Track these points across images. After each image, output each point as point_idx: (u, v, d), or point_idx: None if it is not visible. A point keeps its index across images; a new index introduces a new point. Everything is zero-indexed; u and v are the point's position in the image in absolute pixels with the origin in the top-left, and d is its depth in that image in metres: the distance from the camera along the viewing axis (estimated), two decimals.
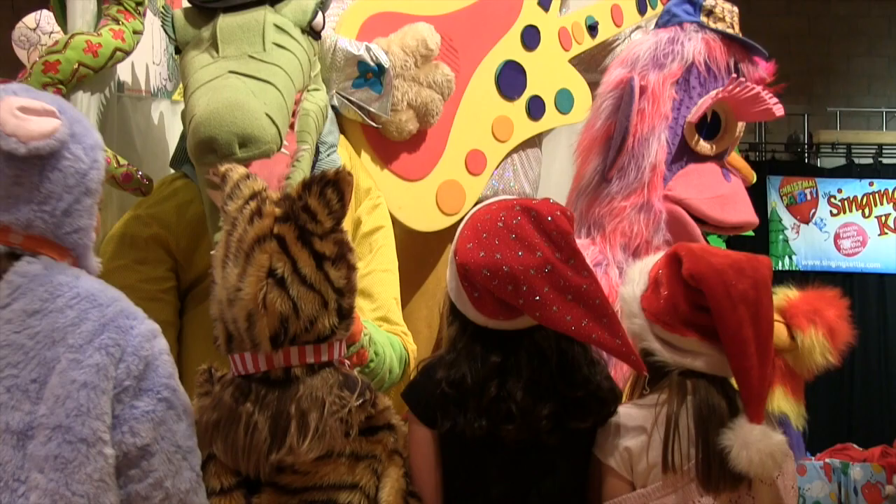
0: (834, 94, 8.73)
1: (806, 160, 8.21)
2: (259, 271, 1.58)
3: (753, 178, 3.12)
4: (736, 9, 2.72)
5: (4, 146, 1.53)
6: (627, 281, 2.05)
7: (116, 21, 2.20)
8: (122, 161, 2.14)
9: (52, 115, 1.58)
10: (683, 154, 2.65)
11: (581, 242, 2.53)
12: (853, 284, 7.49)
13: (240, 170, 1.71)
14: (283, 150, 1.95)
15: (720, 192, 2.66)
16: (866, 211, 7.85)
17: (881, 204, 7.84)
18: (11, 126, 1.53)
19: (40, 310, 1.53)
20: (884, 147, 8.09)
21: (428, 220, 2.69)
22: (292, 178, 1.99)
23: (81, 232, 1.64)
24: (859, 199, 7.85)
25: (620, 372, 2.29)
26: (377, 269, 2.31)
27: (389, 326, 2.26)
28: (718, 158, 2.71)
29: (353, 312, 1.71)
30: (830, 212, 7.84)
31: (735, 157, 2.90)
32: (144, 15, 2.31)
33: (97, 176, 1.66)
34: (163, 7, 2.50)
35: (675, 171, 2.64)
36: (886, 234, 7.82)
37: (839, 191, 7.87)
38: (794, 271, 7.51)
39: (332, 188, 1.60)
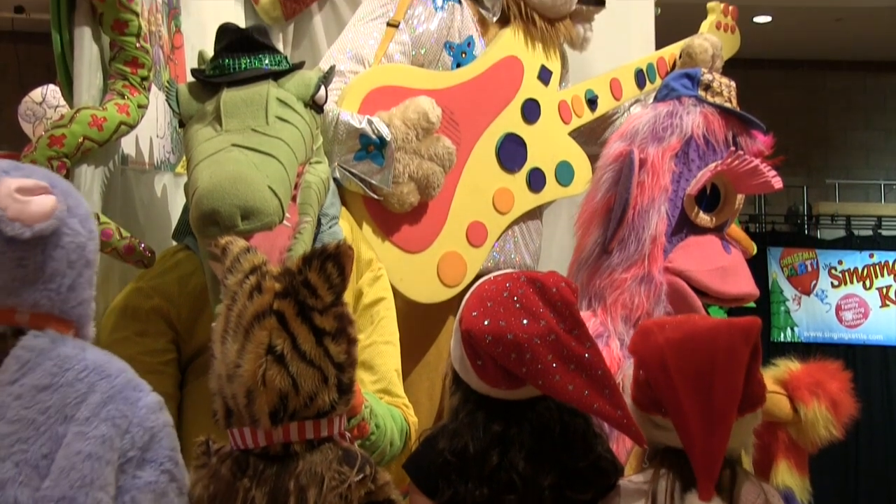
0: (832, 167, 8.80)
1: (806, 232, 8.23)
2: (258, 348, 1.57)
3: (754, 249, 3.13)
4: (733, 83, 2.75)
5: (9, 231, 1.52)
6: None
7: (122, 95, 2.22)
8: (125, 233, 2.15)
9: (46, 192, 1.57)
10: (683, 226, 2.66)
11: (582, 314, 2.52)
12: (856, 357, 7.46)
13: (240, 243, 1.70)
14: (285, 222, 1.95)
15: (721, 263, 2.67)
16: (867, 283, 7.84)
17: (882, 276, 7.84)
18: (14, 211, 1.52)
19: (50, 385, 1.53)
20: (883, 219, 8.12)
21: (429, 291, 2.69)
22: (294, 250, 2.00)
23: (85, 303, 1.64)
24: (860, 270, 7.85)
25: (623, 445, 2.27)
26: (378, 341, 2.31)
27: (390, 398, 2.25)
28: (718, 230, 2.72)
29: (353, 387, 1.70)
30: (831, 283, 7.83)
31: (735, 229, 2.91)
32: (149, 89, 2.34)
33: (95, 246, 1.67)
34: (167, 82, 2.54)
35: (675, 243, 2.64)
36: (888, 305, 7.80)
37: (840, 262, 7.87)
38: (797, 343, 7.49)
39: (332, 262, 1.59)
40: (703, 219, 2.67)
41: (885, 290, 7.82)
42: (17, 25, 8.17)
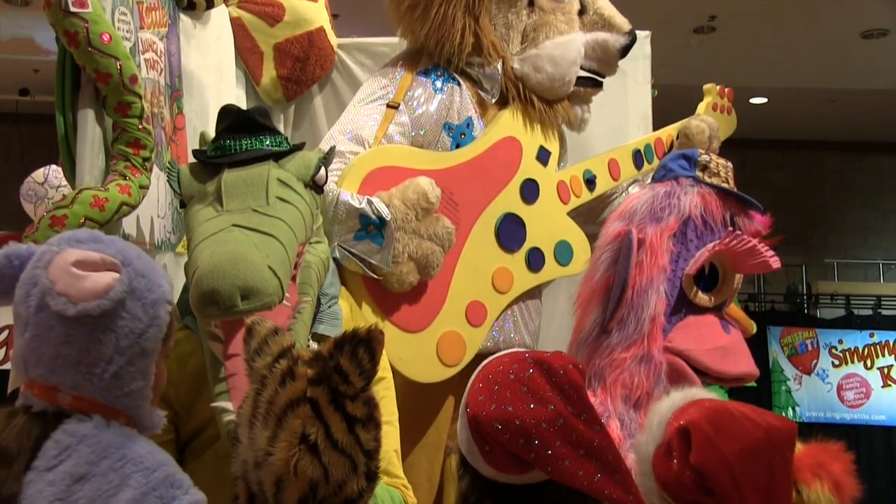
0: (830, 246, 8.84)
1: (805, 311, 8.24)
2: (292, 437, 1.51)
3: (753, 328, 3.12)
4: (730, 164, 2.78)
5: (54, 305, 1.48)
6: (645, 428, 2.02)
7: (124, 176, 2.24)
8: None
9: (112, 269, 1.52)
10: (682, 306, 2.65)
11: None
12: (859, 437, 7.41)
13: (267, 324, 1.66)
14: (284, 302, 1.95)
15: (720, 343, 2.66)
16: (868, 362, 7.82)
17: (883, 355, 7.82)
18: (63, 285, 1.47)
19: (86, 475, 1.45)
20: (883, 299, 8.13)
21: (428, 371, 2.68)
22: (294, 330, 2.00)
23: (134, 394, 1.57)
24: (861, 350, 7.83)
25: None
26: None
27: (389, 479, 2.23)
28: (717, 310, 2.72)
29: (379, 474, 1.67)
30: (832, 363, 7.81)
31: (734, 309, 2.90)
32: (151, 170, 2.36)
33: (156, 334, 1.59)
34: (169, 162, 2.56)
35: (674, 323, 2.64)
36: (890, 385, 7.77)
37: (840, 342, 7.86)
38: (798, 423, 7.42)
39: (364, 347, 1.56)
40: (702, 298, 2.67)
41: (886, 370, 7.79)
42: (22, 107, 8.27)
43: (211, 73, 3.12)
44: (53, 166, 4.30)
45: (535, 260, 2.95)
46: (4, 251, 1.59)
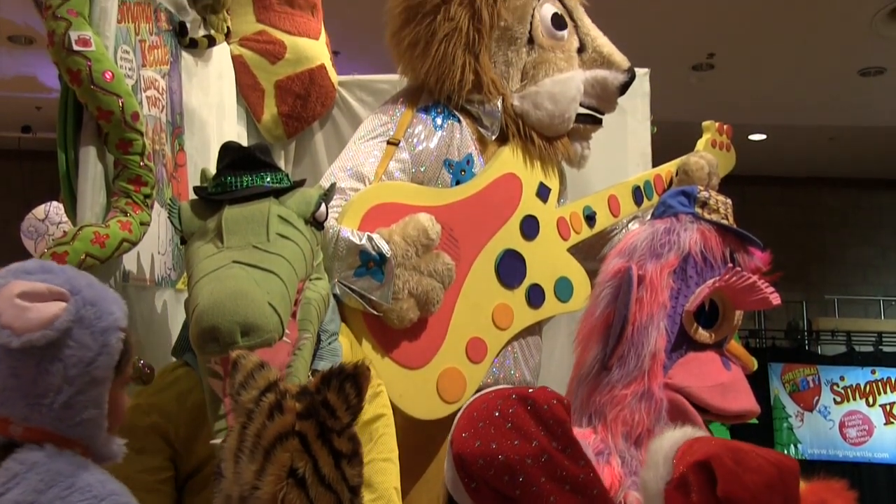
0: (830, 282, 8.84)
1: (806, 347, 8.23)
2: (280, 471, 1.51)
3: (754, 365, 3.11)
4: (730, 200, 2.78)
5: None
6: (650, 465, 2.01)
7: (125, 213, 2.25)
8: None
9: (60, 299, 1.51)
10: (683, 342, 2.65)
11: (582, 431, 2.51)
12: (861, 475, 7.38)
13: (252, 358, 1.66)
14: (284, 338, 1.95)
15: (721, 380, 2.65)
16: (870, 399, 7.79)
17: (885, 392, 7.80)
18: (7, 317, 1.47)
19: (32, 503, 1.44)
20: (884, 335, 8.12)
21: (429, 408, 2.67)
22: (294, 366, 1.99)
23: (87, 423, 1.56)
24: (863, 387, 7.81)
25: None
26: (377, 458, 2.28)
27: None
28: (718, 346, 2.71)
29: None
30: (834, 399, 7.79)
31: (735, 345, 2.90)
32: (152, 207, 2.37)
33: (107, 362, 1.58)
34: (170, 199, 2.57)
35: (674, 360, 2.63)
36: (892, 423, 7.74)
37: (842, 378, 7.84)
38: (801, 461, 7.38)
39: (350, 382, 1.56)
40: (703, 335, 2.67)
41: (888, 408, 7.77)
42: (24, 144, 8.31)
43: (212, 110, 3.14)
44: (54, 203, 4.31)
45: (535, 296, 2.95)
46: None
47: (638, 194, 3.33)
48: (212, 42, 3.09)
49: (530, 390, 1.86)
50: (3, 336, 1.47)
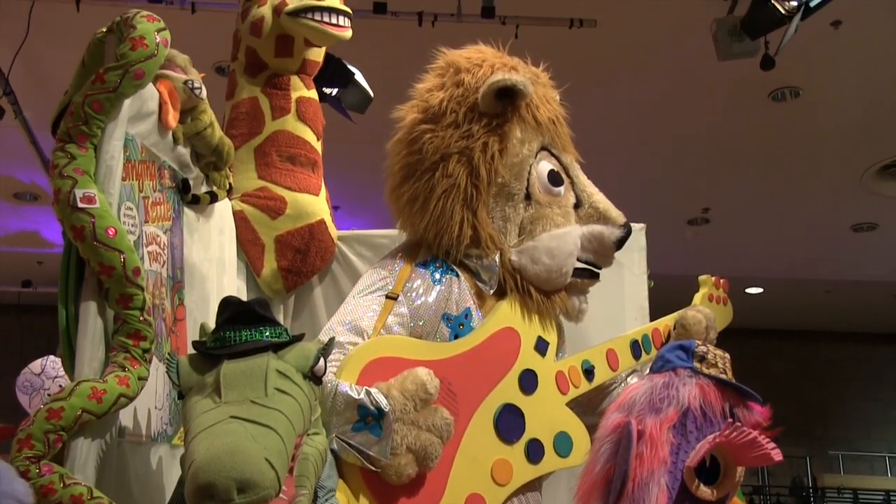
0: (833, 437, 8.75)
1: None
2: None
3: None
4: (728, 355, 2.78)
5: None
6: None
7: (123, 368, 2.25)
8: None
9: None
10: (684, 499, 2.61)
11: None
12: None
13: None
14: (281, 495, 1.93)
15: None
16: None
17: None
18: None
19: None
20: (891, 493, 7.99)
21: None
22: None
23: None
24: None
25: None
26: None
27: None
28: (721, 503, 2.67)
29: None
30: None
31: (738, 502, 2.85)
32: (150, 362, 2.37)
33: None
34: (168, 354, 2.57)
35: None
36: None
37: None
38: None
39: None
40: (704, 491, 2.63)
41: None
42: (23, 299, 8.34)
43: (213, 265, 3.17)
44: (51, 357, 4.31)
45: (534, 451, 2.92)
46: None
47: (636, 348, 3.32)
48: (214, 198, 3.15)
49: None
50: None
